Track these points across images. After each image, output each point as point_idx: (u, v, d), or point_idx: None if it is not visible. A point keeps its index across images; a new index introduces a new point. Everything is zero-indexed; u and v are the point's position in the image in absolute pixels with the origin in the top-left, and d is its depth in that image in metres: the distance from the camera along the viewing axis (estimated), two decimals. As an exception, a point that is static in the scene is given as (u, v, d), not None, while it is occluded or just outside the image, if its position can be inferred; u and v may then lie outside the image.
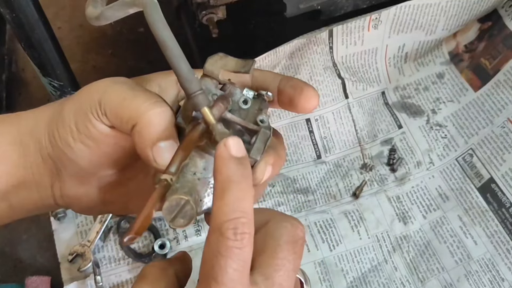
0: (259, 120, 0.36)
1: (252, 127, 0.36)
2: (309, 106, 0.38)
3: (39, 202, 0.41)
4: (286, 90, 0.39)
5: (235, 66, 0.38)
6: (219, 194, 0.31)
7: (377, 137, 0.77)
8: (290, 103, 0.39)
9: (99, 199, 0.40)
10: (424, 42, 0.77)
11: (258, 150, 0.36)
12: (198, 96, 0.33)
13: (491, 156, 0.71)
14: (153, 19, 0.32)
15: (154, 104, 0.35)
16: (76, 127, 0.36)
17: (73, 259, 0.66)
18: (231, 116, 0.36)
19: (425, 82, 0.79)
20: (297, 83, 0.39)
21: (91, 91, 0.37)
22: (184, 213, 0.33)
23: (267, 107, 0.38)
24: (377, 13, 0.71)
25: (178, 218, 0.33)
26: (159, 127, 0.35)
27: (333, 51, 0.74)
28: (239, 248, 0.30)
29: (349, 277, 0.68)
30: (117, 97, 0.35)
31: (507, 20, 0.75)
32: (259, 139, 0.36)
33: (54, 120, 0.38)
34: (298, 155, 0.75)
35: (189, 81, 0.33)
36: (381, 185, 0.74)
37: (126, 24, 0.89)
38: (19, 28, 0.63)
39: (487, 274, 0.66)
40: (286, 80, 0.39)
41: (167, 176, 0.33)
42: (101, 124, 0.36)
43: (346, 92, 0.77)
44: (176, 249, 0.68)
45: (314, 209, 0.72)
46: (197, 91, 0.33)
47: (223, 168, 0.31)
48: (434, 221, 0.71)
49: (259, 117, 0.36)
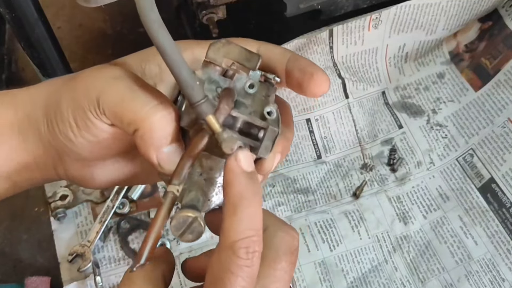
0: (267, 113, 0.35)
1: (260, 123, 0.35)
2: (319, 92, 0.37)
3: (43, 180, 0.40)
4: (294, 73, 0.37)
5: (239, 57, 0.36)
6: (231, 210, 0.31)
7: (378, 137, 0.77)
8: (299, 86, 0.37)
9: (106, 178, 0.40)
10: (425, 42, 0.77)
11: (266, 148, 0.35)
12: (201, 105, 0.32)
13: (491, 156, 0.71)
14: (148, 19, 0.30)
15: (155, 108, 0.34)
16: (75, 123, 0.35)
17: (73, 259, 0.66)
18: (237, 114, 0.35)
19: (425, 82, 0.78)
20: (306, 66, 0.37)
21: (89, 87, 0.35)
22: (192, 229, 0.33)
23: (274, 92, 0.37)
24: (377, 13, 0.71)
25: (186, 234, 0.33)
26: (162, 132, 0.34)
27: (333, 51, 0.74)
28: (249, 266, 0.30)
29: (349, 277, 0.68)
30: (116, 98, 0.34)
31: (507, 20, 0.75)
32: (267, 137, 0.35)
33: (51, 108, 0.37)
34: (298, 155, 0.75)
35: (191, 88, 0.32)
36: (382, 185, 0.74)
37: (126, 24, 0.89)
38: (19, 28, 0.62)
39: (488, 274, 0.66)
40: (294, 61, 0.37)
41: (173, 188, 0.32)
42: (101, 122, 0.35)
43: (346, 92, 0.77)
44: (176, 249, 0.68)
45: (314, 209, 0.72)
46: (200, 100, 0.32)
47: (234, 183, 0.31)
48: (435, 221, 0.71)
49: (267, 108, 0.35)
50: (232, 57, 0.36)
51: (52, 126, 0.37)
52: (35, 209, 0.72)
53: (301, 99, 0.75)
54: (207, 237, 0.69)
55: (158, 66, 0.38)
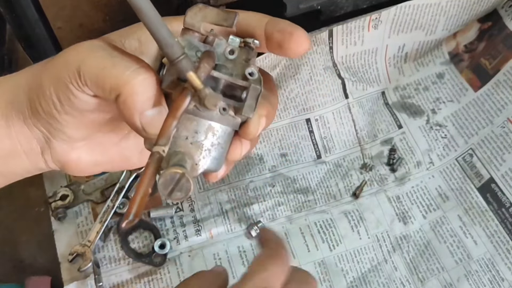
0: (248, 73, 0.35)
1: (242, 83, 0.35)
2: (300, 50, 0.37)
3: (30, 168, 0.40)
4: (274, 35, 0.37)
5: (217, 18, 0.36)
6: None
7: (377, 137, 0.77)
8: (280, 47, 0.37)
9: (92, 161, 0.40)
10: (424, 42, 0.77)
11: (250, 107, 0.35)
12: (181, 61, 0.32)
13: (491, 156, 0.71)
14: None
15: (136, 72, 0.33)
16: (58, 100, 0.35)
17: (73, 259, 0.66)
18: (218, 74, 0.34)
19: (425, 82, 0.79)
20: (285, 26, 0.37)
21: (68, 60, 0.35)
22: (180, 186, 0.33)
23: (255, 56, 0.37)
24: (377, 13, 0.71)
25: (175, 192, 0.33)
26: (144, 95, 0.34)
27: (333, 51, 0.74)
28: None
29: (349, 277, 0.68)
30: (96, 67, 0.34)
31: (507, 20, 0.75)
32: (250, 96, 0.35)
33: (33, 90, 0.36)
34: (298, 155, 0.75)
35: (170, 46, 0.32)
36: (381, 185, 0.74)
37: (126, 24, 0.89)
38: (19, 28, 0.62)
39: (487, 274, 0.66)
40: (273, 24, 0.37)
41: (159, 148, 0.32)
42: (83, 94, 0.35)
43: (346, 92, 0.77)
44: (176, 249, 0.68)
45: (314, 209, 0.72)
46: (179, 56, 0.32)
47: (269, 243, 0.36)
48: (434, 221, 0.71)
49: (248, 69, 0.35)
50: (209, 20, 0.36)
51: (35, 107, 0.36)
52: (35, 209, 0.72)
53: (301, 100, 0.75)
54: (207, 237, 0.69)
55: (138, 40, 0.38)
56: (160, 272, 0.66)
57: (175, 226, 0.70)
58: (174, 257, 0.68)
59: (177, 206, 0.71)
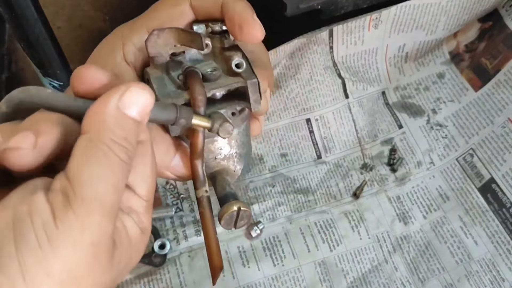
0: (235, 66, 0.35)
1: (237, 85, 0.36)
2: (252, 41, 0.37)
3: None
4: (228, 25, 0.37)
5: (183, 40, 0.36)
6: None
7: (378, 137, 0.77)
8: (236, 37, 0.37)
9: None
10: (425, 42, 0.77)
11: (256, 101, 0.36)
12: (180, 120, 0.32)
13: (491, 156, 0.71)
14: None
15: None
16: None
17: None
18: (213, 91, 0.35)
19: (425, 82, 0.78)
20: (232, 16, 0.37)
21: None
22: (241, 217, 0.35)
23: (229, 38, 0.37)
24: (377, 13, 0.71)
25: (238, 222, 0.35)
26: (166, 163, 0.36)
27: (333, 51, 0.74)
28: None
29: (349, 277, 0.68)
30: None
31: (507, 20, 0.75)
32: (251, 92, 0.36)
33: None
34: (298, 155, 0.75)
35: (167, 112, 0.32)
36: (382, 185, 0.74)
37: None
38: (19, 27, 0.62)
39: (488, 274, 0.66)
40: (225, 10, 0.38)
41: (202, 191, 0.34)
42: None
43: (346, 92, 0.77)
44: (176, 249, 0.68)
45: (314, 209, 0.72)
46: (175, 116, 0.32)
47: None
48: (435, 221, 0.71)
49: (233, 62, 0.35)
50: (176, 43, 0.36)
51: None
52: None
53: (301, 99, 0.75)
54: (207, 237, 0.69)
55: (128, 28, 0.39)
56: (160, 273, 0.66)
57: (175, 226, 0.70)
58: (174, 257, 0.68)
59: (177, 207, 0.71)
